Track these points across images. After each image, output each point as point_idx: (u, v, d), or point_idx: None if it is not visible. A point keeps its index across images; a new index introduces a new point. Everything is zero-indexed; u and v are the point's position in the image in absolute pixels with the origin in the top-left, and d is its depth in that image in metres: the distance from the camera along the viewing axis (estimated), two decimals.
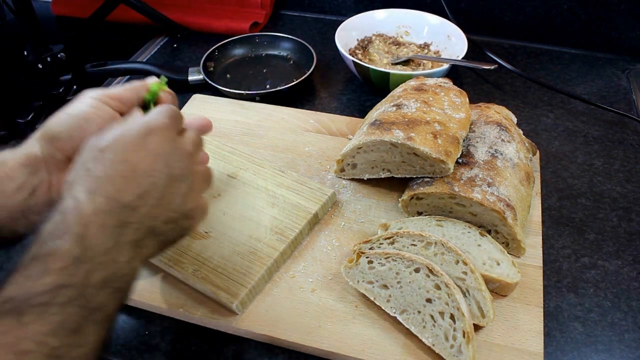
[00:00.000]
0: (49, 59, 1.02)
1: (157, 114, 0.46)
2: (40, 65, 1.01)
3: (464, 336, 0.53)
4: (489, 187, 0.63)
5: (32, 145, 0.49)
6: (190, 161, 0.46)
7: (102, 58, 0.97)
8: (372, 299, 0.59)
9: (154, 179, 0.42)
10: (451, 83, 0.78)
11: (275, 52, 1.09)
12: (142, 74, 1.01)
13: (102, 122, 0.49)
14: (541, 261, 0.65)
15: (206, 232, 0.66)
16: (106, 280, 0.38)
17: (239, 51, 1.08)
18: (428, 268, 0.57)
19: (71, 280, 0.36)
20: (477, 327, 0.57)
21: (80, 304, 0.36)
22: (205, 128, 0.54)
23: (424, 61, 0.99)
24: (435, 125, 0.67)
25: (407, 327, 0.56)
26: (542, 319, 0.59)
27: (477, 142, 0.70)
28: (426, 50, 1.03)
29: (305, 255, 0.66)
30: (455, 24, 1.01)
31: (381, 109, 0.73)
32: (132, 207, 0.40)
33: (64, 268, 0.36)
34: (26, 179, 0.48)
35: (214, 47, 1.04)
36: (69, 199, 0.40)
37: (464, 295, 0.57)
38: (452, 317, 0.54)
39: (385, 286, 0.59)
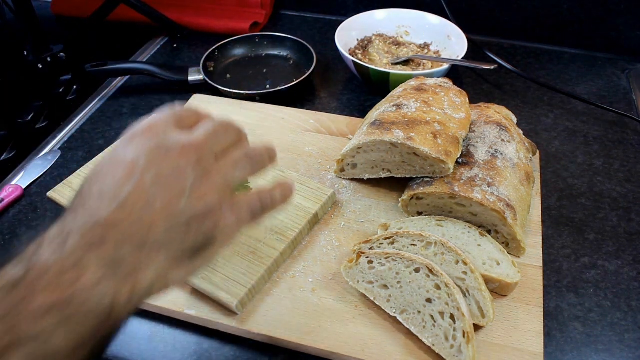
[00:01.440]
0: (49, 59, 1.02)
1: (152, 116, 0.40)
2: (40, 65, 1.01)
3: (464, 336, 0.53)
4: (489, 187, 0.63)
5: None
6: (191, 154, 0.37)
7: (102, 58, 0.97)
8: (372, 299, 0.59)
9: (133, 185, 0.35)
10: (451, 83, 0.78)
11: (275, 52, 1.09)
12: (142, 74, 1.01)
13: None
14: (541, 261, 0.65)
15: None
16: (52, 306, 0.31)
17: (239, 51, 1.08)
18: (428, 268, 0.57)
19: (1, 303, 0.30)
20: (477, 327, 0.57)
21: (4, 329, 0.29)
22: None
23: (424, 61, 0.99)
24: (435, 125, 0.67)
25: (407, 327, 0.56)
26: (542, 319, 0.59)
27: (477, 142, 0.70)
28: (426, 50, 1.03)
29: (305, 255, 0.66)
30: (455, 24, 1.01)
31: (381, 109, 0.73)
32: (109, 223, 0.34)
33: None
34: None
35: (214, 47, 1.04)
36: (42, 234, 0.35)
37: (464, 295, 0.57)
38: (452, 317, 0.54)
39: (385, 286, 0.59)
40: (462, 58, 0.93)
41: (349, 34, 1.02)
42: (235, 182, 0.40)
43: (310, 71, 0.96)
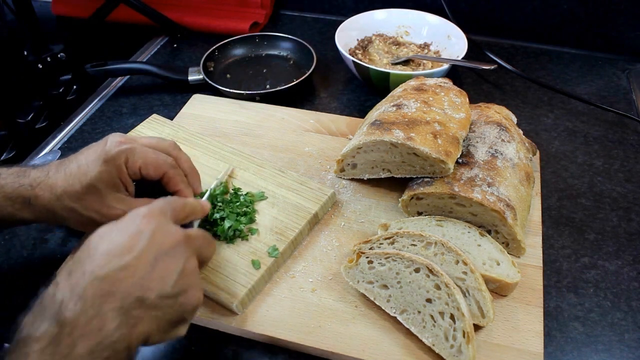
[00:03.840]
0: (49, 59, 1.02)
1: (153, 203, 0.49)
2: (40, 65, 1.01)
3: (464, 336, 0.53)
4: (489, 187, 0.63)
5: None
6: (184, 245, 0.46)
7: (102, 58, 0.97)
8: (372, 299, 0.59)
9: (138, 252, 0.43)
10: (451, 83, 0.78)
11: (275, 52, 1.09)
12: (142, 74, 1.01)
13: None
14: (541, 261, 0.65)
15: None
16: (92, 351, 0.38)
17: (239, 51, 1.08)
18: (428, 268, 0.57)
19: (52, 358, 0.37)
20: (477, 327, 0.57)
21: None
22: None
23: (424, 61, 0.99)
24: (435, 125, 0.67)
25: (407, 327, 0.56)
26: (542, 319, 0.59)
27: (477, 142, 0.70)
28: (426, 50, 1.03)
29: (305, 255, 0.66)
30: (455, 24, 1.01)
31: (381, 109, 0.73)
32: (114, 278, 0.41)
33: (43, 349, 0.37)
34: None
35: (214, 47, 1.04)
36: (50, 287, 0.41)
37: (464, 295, 0.57)
38: (452, 317, 0.54)
39: (385, 286, 0.59)
40: (462, 58, 0.93)
41: (349, 34, 1.02)
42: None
43: (310, 71, 0.96)
